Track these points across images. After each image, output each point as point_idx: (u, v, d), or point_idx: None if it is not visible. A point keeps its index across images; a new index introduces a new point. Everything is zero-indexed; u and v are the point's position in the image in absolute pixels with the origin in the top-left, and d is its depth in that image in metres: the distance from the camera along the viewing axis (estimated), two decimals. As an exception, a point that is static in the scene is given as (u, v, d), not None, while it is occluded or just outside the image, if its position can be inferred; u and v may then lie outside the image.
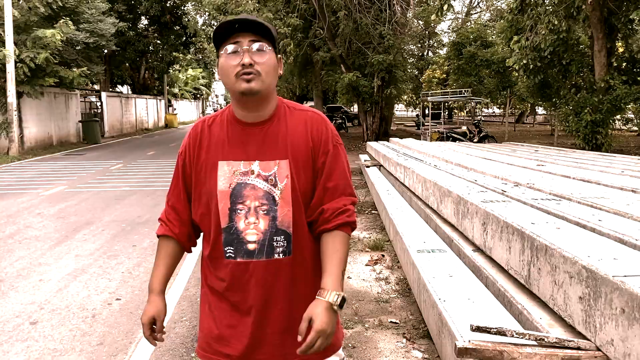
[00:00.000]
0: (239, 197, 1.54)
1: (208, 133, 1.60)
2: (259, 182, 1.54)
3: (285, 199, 1.54)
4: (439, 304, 3.22)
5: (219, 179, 1.54)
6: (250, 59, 1.47)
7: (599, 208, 4.06)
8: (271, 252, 1.55)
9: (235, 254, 1.55)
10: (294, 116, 1.62)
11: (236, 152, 1.56)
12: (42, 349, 3.36)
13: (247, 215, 1.53)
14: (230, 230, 1.54)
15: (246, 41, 1.49)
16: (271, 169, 1.55)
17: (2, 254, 5.48)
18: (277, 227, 1.54)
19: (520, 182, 5.62)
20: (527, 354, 2.43)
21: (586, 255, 2.65)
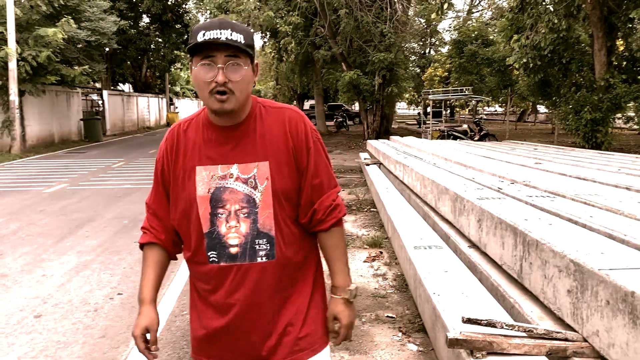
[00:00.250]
0: (219, 201, 1.52)
1: (184, 137, 1.58)
2: (238, 185, 1.53)
3: (266, 201, 1.53)
4: (434, 298, 3.29)
5: (198, 184, 1.53)
6: (224, 77, 1.44)
7: (592, 205, 4.13)
8: (254, 256, 1.54)
9: (219, 258, 1.54)
10: (270, 115, 1.60)
11: (213, 156, 1.54)
12: (46, 341, 3.45)
13: (228, 219, 1.52)
14: (212, 235, 1.53)
15: (221, 57, 1.44)
16: (250, 171, 1.53)
17: (6, 250, 5.57)
18: (258, 230, 1.53)
19: (516, 179, 5.70)
20: (516, 344, 2.50)
21: (575, 250, 2.72)
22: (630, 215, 3.70)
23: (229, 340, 1.59)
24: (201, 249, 1.55)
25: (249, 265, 1.53)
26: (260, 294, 1.56)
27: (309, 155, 1.60)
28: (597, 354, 2.44)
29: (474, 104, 28.17)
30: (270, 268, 1.55)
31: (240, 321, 1.57)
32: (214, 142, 1.55)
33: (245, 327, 1.58)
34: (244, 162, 1.53)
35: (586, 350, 2.49)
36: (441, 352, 3.13)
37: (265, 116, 1.59)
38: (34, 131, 18.88)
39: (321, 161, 1.63)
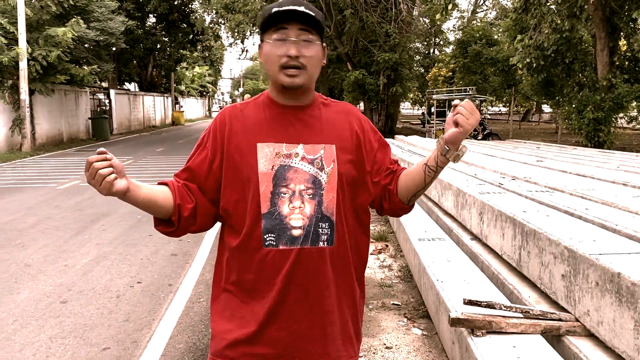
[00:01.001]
0: (282, 179, 1.44)
1: (241, 116, 1.52)
2: (303, 165, 1.46)
3: (331, 184, 1.48)
4: (437, 284, 3.50)
5: (259, 160, 1.45)
6: (297, 51, 1.41)
7: (589, 199, 4.34)
8: (316, 240, 1.46)
9: (277, 241, 1.44)
10: (331, 107, 1.59)
11: (277, 134, 1.48)
12: (73, 324, 3.68)
13: (292, 199, 1.44)
14: (272, 215, 1.43)
15: (294, 30, 1.42)
16: (317, 152, 1.48)
17: (28, 242, 5.81)
18: (322, 213, 1.47)
19: (517, 176, 5.91)
20: (513, 324, 2.72)
21: (569, 238, 2.94)
22: (623, 208, 3.91)
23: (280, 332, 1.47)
24: (256, 232, 1.44)
25: (310, 249, 1.45)
26: (320, 280, 1.48)
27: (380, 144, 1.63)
28: (588, 332, 2.65)
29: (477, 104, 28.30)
30: (329, 254, 1.49)
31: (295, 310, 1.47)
32: (277, 121, 1.50)
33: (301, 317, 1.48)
34: (310, 143, 1.49)
35: (578, 329, 2.70)
36: (444, 334, 3.35)
37: (326, 107, 1.58)
38: (44, 130, 19.16)
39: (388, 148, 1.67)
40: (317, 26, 1.45)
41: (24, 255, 5.32)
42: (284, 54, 1.42)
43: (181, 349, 3.35)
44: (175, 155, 15.86)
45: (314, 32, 1.45)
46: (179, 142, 21.31)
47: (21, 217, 7.08)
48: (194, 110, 52.94)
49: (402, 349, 3.39)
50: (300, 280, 1.46)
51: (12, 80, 16.56)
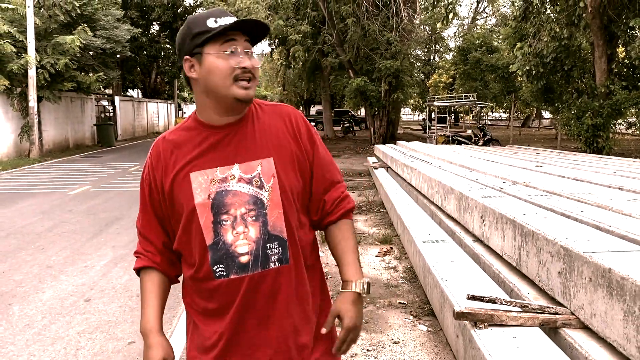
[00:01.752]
0: (222, 206, 1.38)
1: (171, 148, 1.44)
2: (241, 187, 1.39)
3: (275, 200, 1.40)
4: (441, 283, 3.72)
5: (194, 191, 1.38)
6: (250, 63, 1.37)
7: (585, 202, 4.56)
8: (266, 262, 1.39)
9: (227, 270, 1.38)
10: (267, 113, 1.50)
11: (209, 159, 1.40)
12: (98, 320, 3.91)
13: (234, 225, 1.38)
14: (217, 245, 1.38)
15: (242, 42, 1.38)
16: (254, 169, 1.40)
17: (47, 245, 6.05)
18: (269, 233, 1.40)
19: (517, 180, 6.13)
20: (513, 317, 2.94)
21: (565, 238, 3.16)
22: (618, 210, 4.13)
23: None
24: (205, 264, 1.39)
25: (262, 273, 1.39)
26: (277, 304, 1.42)
27: (314, 149, 1.52)
28: (582, 325, 2.87)
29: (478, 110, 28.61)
30: (285, 273, 1.42)
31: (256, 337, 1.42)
32: (208, 144, 1.42)
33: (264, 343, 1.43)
34: (245, 161, 1.40)
35: (573, 322, 2.92)
36: (448, 329, 3.57)
37: (262, 114, 1.49)
38: (50, 136, 19.44)
39: (327, 155, 1.58)
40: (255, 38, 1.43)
41: (44, 257, 5.56)
42: (237, 66, 1.35)
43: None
44: (180, 161, 16.09)
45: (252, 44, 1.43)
46: (183, 148, 21.54)
47: (38, 221, 7.32)
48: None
49: (408, 344, 3.61)
50: (258, 307, 1.40)
51: (21, 88, 16.85)
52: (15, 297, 4.39)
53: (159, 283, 1.49)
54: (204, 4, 24.82)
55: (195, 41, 1.37)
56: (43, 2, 17.50)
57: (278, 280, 1.41)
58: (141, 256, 1.49)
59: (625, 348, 2.42)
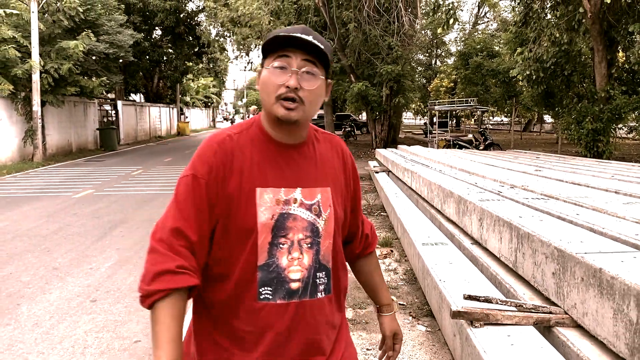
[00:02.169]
0: (282, 229, 1.34)
1: (240, 151, 1.35)
2: (302, 212, 1.36)
3: (328, 230, 1.40)
4: (440, 284, 3.81)
5: (259, 208, 1.31)
6: (297, 83, 1.30)
7: (581, 205, 4.65)
8: (314, 291, 1.38)
9: (274, 294, 1.33)
10: (320, 140, 1.48)
11: (275, 177, 1.35)
12: (105, 320, 4.01)
13: (291, 250, 1.34)
14: (270, 267, 1.33)
15: (297, 60, 1.31)
16: (314, 196, 1.38)
17: (53, 247, 6.15)
18: (319, 262, 1.39)
19: (516, 184, 6.22)
20: (508, 316, 3.03)
21: (559, 239, 3.25)
22: (612, 213, 4.22)
23: None
24: (252, 285, 1.32)
25: (310, 302, 1.37)
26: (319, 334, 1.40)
27: (355, 185, 1.56)
28: (575, 323, 2.96)
29: (479, 114, 28.71)
30: (327, 304, 1.42)
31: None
32: (274, 161, 1.37)
33: None
34: (308, 187, 1.38)
35: (566, 320, 3.01)
36: (446, 328, 3.65)
37: (318, 141, 1.48)
38: (54, 140, 19.59)
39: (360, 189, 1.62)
40: (323, 59, 1.34)
41: (50, 259, 5.66)
42: (283, 84, 1.30)
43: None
44: (182, 165, 16.21)
45: (319, 65, 1.34)
46: (185, 152, 21.69)
47: (43, 224, 7.43)
48: (199, 120, 53.49)
49: (407, 343, 3.70)
50: (300, 336, 1.36)
51: (25, 93, 17.00)
52: (23, 297, 4.49)
53: (184, 307, 1.28)
54: (206, 10, 25.03)
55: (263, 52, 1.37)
56: (47, 7, 17.67)
57: (322, 309, 1.40)
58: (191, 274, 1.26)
59: (615, 345, 2.51)
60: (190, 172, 1.33)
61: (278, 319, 1.34)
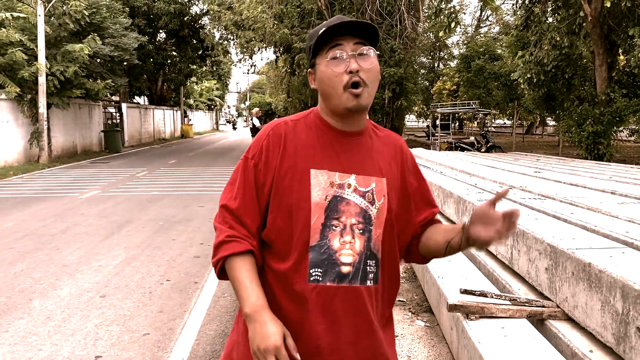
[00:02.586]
0: (335, 211, 1.35)
1: (293, 135, 1.41)
2: (355, 198, 1.38)
3: (380, 219, 1.41)
4: (438, 280, 3.94)
5: (313, 189, 1.35)
6: (358, 65, 1.33)
7: (576, 205, 4.78)
8: (365, 278, 1.38)
9: (324, 276, 1.34)
10: (381, 137, 1.51)
11: (331, 161, 1.39)
12: (114, 315, 4.15)
13: (343, 233, 1.36)
14: (322, 249, 1.35)
15: (350, 45, 1.35)
16: (369, 184, 1.40)
17: (61, 245, 6.30)
18: (370, 250, 1.39)
19: (514, 185, 6.35)
20: (502, 309, 3.16)
21: (552, 236, 3.39)
22: (606, 212, 4.35)
23: None
24: (302, 265, 1.35)
25: (358, 288, 1.37)
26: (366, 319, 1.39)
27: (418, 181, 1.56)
28: (566, 316, 3.09)
29: (481, 117, 28.84)
30: (374, 293, 1.42)
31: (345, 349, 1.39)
32: (331, 146, 1.41)
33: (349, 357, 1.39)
34: (363, 174, 1.40)
35: (558, 313, 3.14)
36: (444, 323, 3.78)
37: (377, 136, 1.51)
38: (59, 142, 19.79)
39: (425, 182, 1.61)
40: (373, 37, 1.39)
41: (60, 257, 5.81)
42: (345, 71, 1.34)
43: (211, 335, 3.81)
44: (187, 167, 16.38)
45: (368, 44, 1.38)
46: (189, 155, 21.87)
47: (51, 224, 7.59)
48: (202, 123, 53.72)
49: (407, 337, 3.82)
50: (347, 321, 1.37)
51: (31, 95, 17.20)
52: (34, 293, 4.64)
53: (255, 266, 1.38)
54: (210, 13, 25.22)
55: (312, 53, 1.40)
56: (53, 10, 17.89)
57: (370, 297, 1.40)
58: (240, 240, 1.37)
59: (603, 335, 2.64)
60: (244, 154, 1.44)
61: (327, 301, 1.34)
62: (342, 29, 1.34)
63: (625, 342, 2.45)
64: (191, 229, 7.27)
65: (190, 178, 13.56)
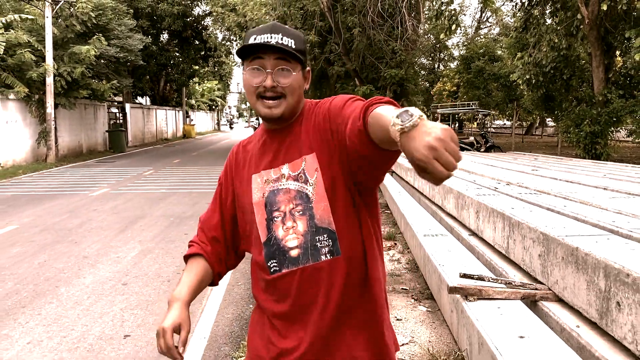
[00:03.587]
0: (273, 204, 1.46)
1: (243, 152, 1.60)
2: (290, 184, 1.45)
3: (320, 193, 1.42)
4: (439, 268, 4.23)
5: (253, 191, 1.50)
6: (272, 81, 1.40)
7: (569, 199, 5.07)
8: (317, 255, 1.42)
9: (280, 265, 1.45)
10: (314, 111, 1.51)
11: (267, 161, 1.51)
12: (137, 300, 4.44)
13: (284, 220, 1.44)
14: (270, 241, 1.46)
15: (270, 60, 1.40)
16: (299, 166, 1.46)
17: (79, 239, 6.60)
18: (316, 226, 1.42)
19: (512, 181, 6.64)
20: (498, 291, 3.45)
21: (544, 226, 3.68)
22: (596, 205, 4.64)
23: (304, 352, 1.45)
24: (262, 261, 1.48)
25: (313, 265, 1.42)
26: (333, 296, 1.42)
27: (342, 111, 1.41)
28: (557, 298, 3.38)
29: (481, 118, 29.14)
30: (337, 266, 1.42)
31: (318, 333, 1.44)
32: (266, 148, 1.53)
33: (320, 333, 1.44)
34: (293, 160, 1.47)
35: (550, 295, 3.43)
36: (445, 306, 4.07)
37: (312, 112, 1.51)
38: (65, 142, 20.09)
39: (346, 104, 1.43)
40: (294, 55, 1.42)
41: (79, 249, 6.10)
42: (260, 84, 1.42)
43: (229, 317, 4.11)
44: (191, 166, 16.67)
45: (292, 60, 1.42)
46: (193, 154, 22.17)
47: (67, 219, 7.88)
48: (204, 123, 54.03)
49: (410, 321, 4.12)
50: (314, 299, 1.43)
51: (39, 95, 17.51)
52: (60, 281, 4.94)
53: (202, 268, 1.55)
54: (213, 14, 25.53)
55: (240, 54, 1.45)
56: (61, 12, 18.19)
57: (331, 272, 1.42)
58: (194, 244, 1.59)
59: (588, 312, 2.93)
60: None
61: (288, 286, 1.43)
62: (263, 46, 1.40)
63: (607, 316, 2.74)
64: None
65: (196, 177, 13.86)
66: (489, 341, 2.79)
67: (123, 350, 3.50)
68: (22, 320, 4.00)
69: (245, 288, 4.83)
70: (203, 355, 3.46)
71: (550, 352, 2.56)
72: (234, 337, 3.76)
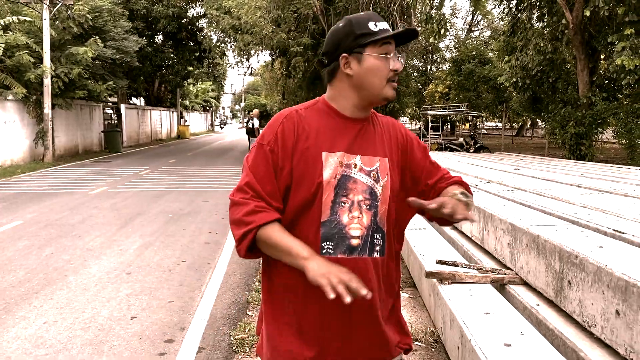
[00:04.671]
0: (344, 189, 1.49)
1: (305, 122, 1.53)
2: (361, 176, 1.51)
3: (384, 196, 1.53)
4: (419, 257, 4.61)
5: (325, 169, 1.48)
6: (400, 65, 1.54)
7: (542, 195, 5.47)
8: (372, 250, 1.51)
9: (335, 249, 1.47)
10: (380, 120, 1.66)
11: (339, 144, 1.52)
12: (141, 287, 4.79)
13: (351, 209, 1.49)
14: (332, 224, 1.48)
15: (394, 46, 1.53)
16: (373, 164, 1.54)
17: (82, 234, 6.93)
18: (377, 224, 1.52)
19: (492, 180, 7.04)
20: (470, 276, 3.83)
21: (513, 217, 4.07)
22: (566, 200, 5.04)
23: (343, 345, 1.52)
24: (315, 239, 1.47)
25: (366, 259, 1.50)
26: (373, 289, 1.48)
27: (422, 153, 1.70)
28: (523, 282, 3.77)
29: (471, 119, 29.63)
30: (381, 264, 1.54)
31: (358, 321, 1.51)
32: (338, 130, 1.54)
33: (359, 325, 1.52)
34: (367, 155, 1.54)
35: (516, 279, 3.82)
36: (424, 292, 4.45)
37: (378, 120, 1.66)
38: (62, 142, 20.35)
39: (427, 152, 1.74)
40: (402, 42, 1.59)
41: (83, 242, 6.44)
42: (392, 69, 1.52)
43: (227, 302, 4.47)
44: (187, 166, 17.00)
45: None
46: (188, 154, 22.48)
47: (69, 215, 8.21)
48: (198, 124, 54.28)
49: (393, 306, 4.49)
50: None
51: (36, 96, 17.78)
52: (68, 271, 5.27)
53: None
54: (208, 17, 25.85)
55: (358, 41, 1.50)
56: (58, 14, 18.47)
57: (377, 268, 1.52)
58: (266, 210, 1.45)
59: (547, 292, 3.32)
60: (258, 141, 1.54)
61: None
62: (394, 35, 1.53)
63: (561, 294, 3.13)
64: (199, 220, 7.92)
65: (192, 176, 14.18)
66: (459, 317, 3.16)
67: (131, 330, 3.85)
68: (37, 304, 4.35)
69: (241, 277, 5.19)
70: (204, 333, 3.82)
71: (509, 324, 2.94)
72: (231, 318, 4.12)
